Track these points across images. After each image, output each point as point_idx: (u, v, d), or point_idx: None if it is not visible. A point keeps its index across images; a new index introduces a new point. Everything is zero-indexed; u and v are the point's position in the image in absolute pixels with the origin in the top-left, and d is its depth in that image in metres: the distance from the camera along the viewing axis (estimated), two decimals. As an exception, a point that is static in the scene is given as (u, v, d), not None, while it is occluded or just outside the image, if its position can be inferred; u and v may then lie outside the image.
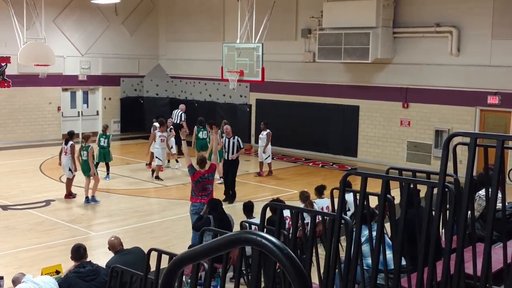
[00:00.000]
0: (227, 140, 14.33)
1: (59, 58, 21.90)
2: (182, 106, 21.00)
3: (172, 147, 18.16)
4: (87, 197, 13.86)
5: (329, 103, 20.77)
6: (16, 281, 6.71)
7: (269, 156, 17.41)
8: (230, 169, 14.30)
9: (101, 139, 16.45)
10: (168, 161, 18.37)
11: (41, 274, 7.27)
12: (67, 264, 8.01)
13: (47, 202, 13.85)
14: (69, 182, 14.24)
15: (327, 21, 19.45)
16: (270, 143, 17.35)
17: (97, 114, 25.15)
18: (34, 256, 10.08)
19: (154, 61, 26.54)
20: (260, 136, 17.66)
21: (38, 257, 10.01)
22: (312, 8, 20.56)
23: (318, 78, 21.01)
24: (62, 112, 23.92)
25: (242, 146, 14.62)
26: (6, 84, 22.12)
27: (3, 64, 21.95)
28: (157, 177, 16.49)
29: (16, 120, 22.31)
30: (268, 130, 17.42)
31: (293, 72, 21.66)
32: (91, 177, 13.78)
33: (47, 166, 18.33)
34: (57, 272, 7.59)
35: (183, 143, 11.51)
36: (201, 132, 17.72)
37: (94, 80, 24.72)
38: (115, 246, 7.46)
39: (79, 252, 6.96)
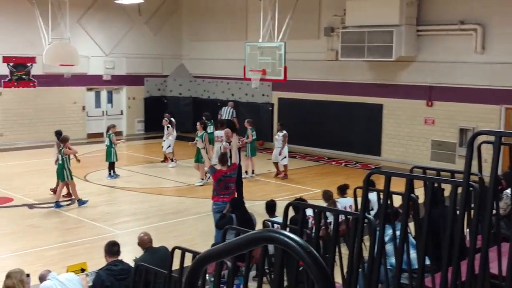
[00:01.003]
0: (227, 144, 13.36)
1: (83, 58, 22.13)
2: (231, 103, 22.17)
3: (169, 146, 18.44)
4: (57, 202, 13.41)
5: (352, 101, 20.66)
6: (42, 278, 6.80)
7: (285, 157, 16.75)
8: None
9: (106, 138, 16.60)
10: (164, 160, 18.66)
11: (67, 272, 7.35)
12: (92, 262, 8.12)
13: (72, 201, 13.99)
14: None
15: (350, 19, 19.36)
16: (286, 144, 16.83)
17: (121, 113, 25.38)
18: (59, 254, 10.19)
19: (177, 60, 26.69)
20: (276, 137, 17.13)
21: (63, 255, 10.12)
22: (335, 7, 20.48)
23: (341, 77, 20.93)
24: (87, 112, 24.19)
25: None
26: (31, 84, 22.44)
27: (28, 64, 22.26)
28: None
29: (41, 120, 22.58)
30: (284, 132, 16.83)
31: (315, 70, 21.60)
32: (66, 181, 13.44)
33: (72, 165, 18.50)
34: (82, 270, 7.68)
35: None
36: (209, 127, 18.25)
37: (118, 80, 24.94)
38: (144, 242, 7.48)
39: (113, 249, 7.03)
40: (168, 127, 18.49)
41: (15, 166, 18.12)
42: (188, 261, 5.29)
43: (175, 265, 6.04)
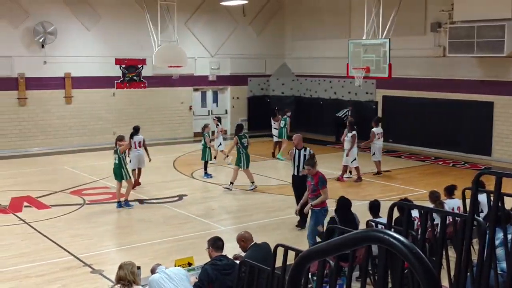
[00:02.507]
0: (297, 152, 12.26)
1: (190, 59, 22.82)
2: (350, 102, 23.28)
3: (220, 144, 18.66)
4: (119, 202, 13.42)
5: (461, 99, 19.93)
6: (153, 271, 7.11)
7: (355, 159, 16.04)
8: (302, 186, 11.46)
9: (202, 138, 16.98)
10: (215, 157, 18.57)
11: (174, 266, 7.63)
12: (198, 257, 8.37)
13: (180, 197, 14.48)
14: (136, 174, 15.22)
15: (458, 14, 18.68)
16: (356, 145, 16.07)
17: (226, 113, 25.95)
18: (168, 248, 10.56)
19: (280, 60, 26.89)
20: (345, 138, 16.22)
21: (171, 249, 10.48)
22: (442, 1, 19.85)
23: (448, 73, 20.24)
24: (194, 112, 24.94)
25: None
26: (142, 85, 23.45)
27: (139, 66, 23.28)
28: (379, 173, 16.62)
29: (151, 119, 23.52)
30: (354, 132, 16.03)
31: (421, 67, 21.02)
32: (124, 181, 13.41)
33: (180, 162, 19.21)
34: (189, 264, 7.93)
35: None
36: (282, 121, 19.79)
37: (223, 80, 25.52)
38: (247, 239, 7.63)
39: (218, 243, 7.23)
40: (217, 125, 19.05)
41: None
42: (291, 259, 5.33)
43: (278, 263, 6.11)
